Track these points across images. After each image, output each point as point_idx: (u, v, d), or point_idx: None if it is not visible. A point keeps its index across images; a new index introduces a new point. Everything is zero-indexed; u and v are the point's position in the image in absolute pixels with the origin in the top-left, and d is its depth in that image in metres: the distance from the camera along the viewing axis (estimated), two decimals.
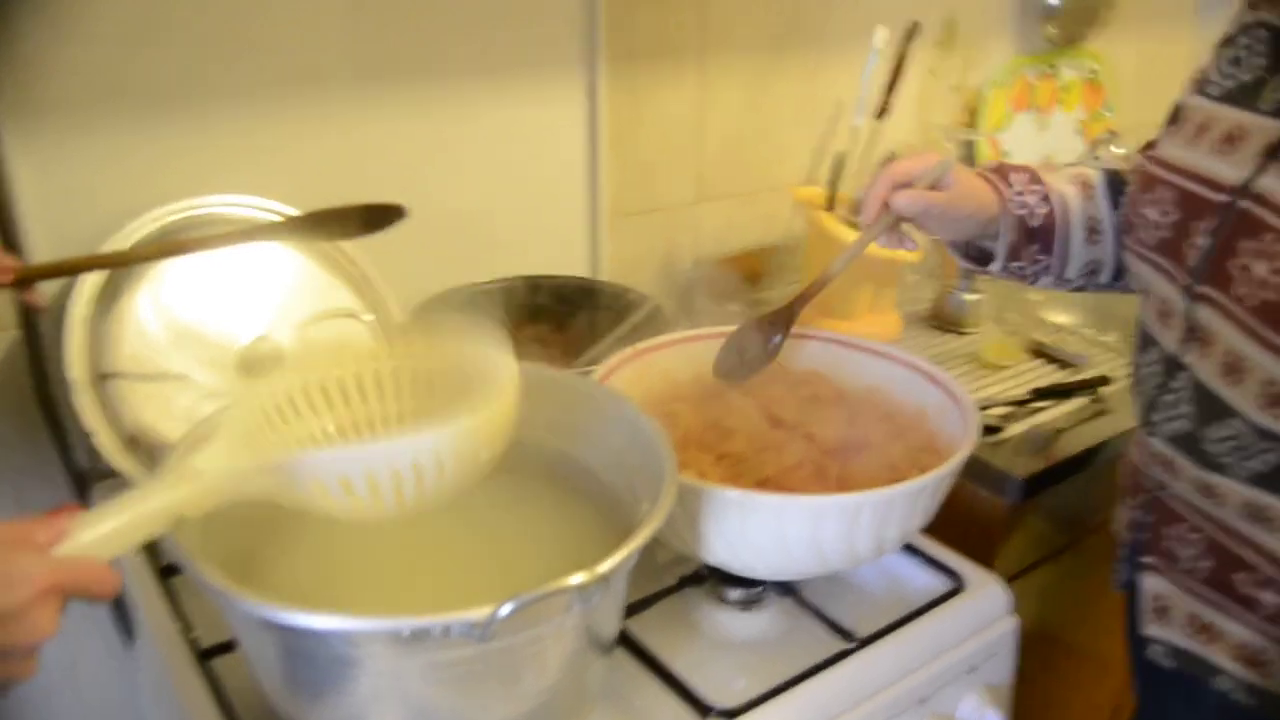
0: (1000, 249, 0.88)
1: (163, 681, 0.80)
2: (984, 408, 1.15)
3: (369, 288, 1.03)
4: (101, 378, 0.87)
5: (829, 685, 0.77)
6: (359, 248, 1.00)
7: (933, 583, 0.89)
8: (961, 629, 0.85)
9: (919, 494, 0.75)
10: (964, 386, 0.92)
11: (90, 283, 0.87)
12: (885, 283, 1.31)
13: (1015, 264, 0.89)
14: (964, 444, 0.80)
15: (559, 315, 1.17)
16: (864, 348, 0.96)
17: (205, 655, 0.77)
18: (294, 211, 0.93)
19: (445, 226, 1.13)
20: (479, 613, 0.52)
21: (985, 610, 0.87)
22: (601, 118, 1.21)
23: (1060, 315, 1.46)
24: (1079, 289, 0.93)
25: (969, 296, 1.36)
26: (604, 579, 0.55)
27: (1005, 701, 0.86)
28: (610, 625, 0.69)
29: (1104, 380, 1.21)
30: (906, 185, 0.85)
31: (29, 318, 0.87)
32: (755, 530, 0.75)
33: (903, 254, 1.25)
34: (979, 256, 0.92)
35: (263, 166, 1.00)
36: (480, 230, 1.18)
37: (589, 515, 0.78)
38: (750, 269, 1.41)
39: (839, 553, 0.77)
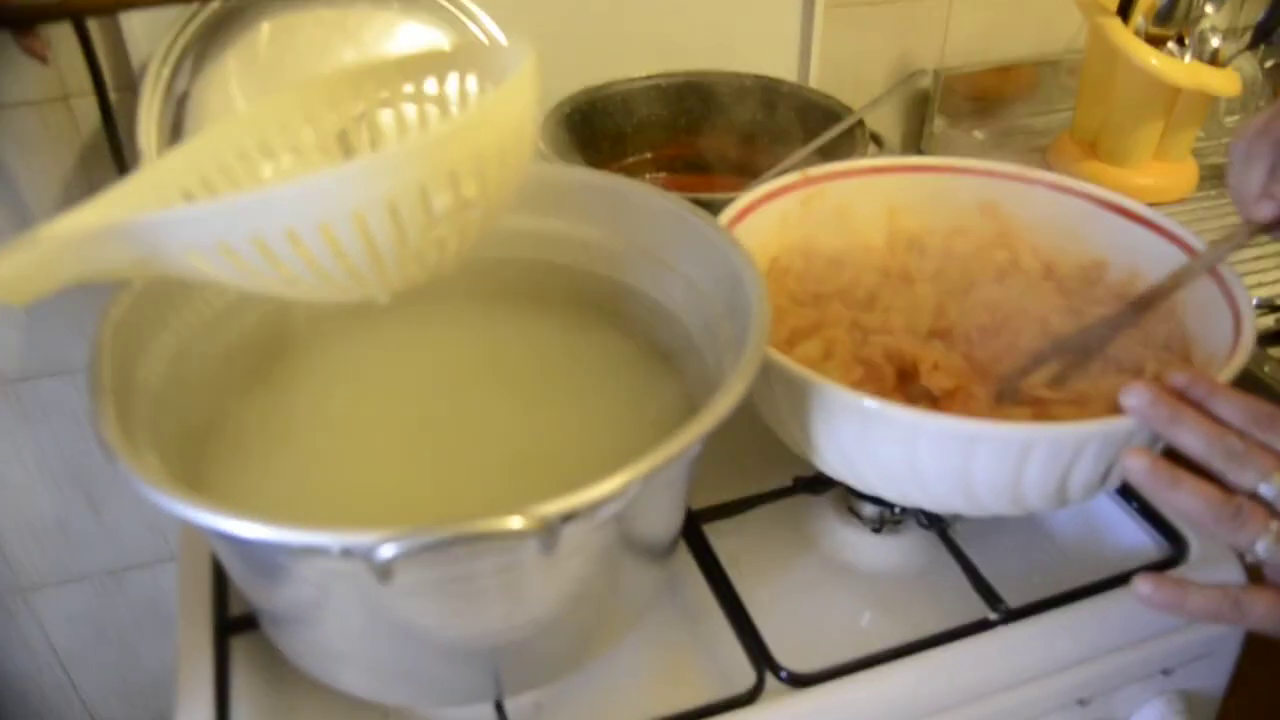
0: None
1: None
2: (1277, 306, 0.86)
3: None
4: None
5: (945, 665, 0.58)
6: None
7: (1144, 544, 0.66)
8: (1165, 617, 0.62)
9: (1128, 436, 0.52)
10: (1257, 275, 0.66)
11: (170, 47, 0.76)
12: (1186, 120, 0.99)
13: None
14: (1228, 359, 0.55)
15: (736, 126, 0.96)
16: (1111, 204, 0.70)
17: None
18: None
19: (614, 8, 0.94)
20: (363, 537, 0.37)
21: None
22: None
23: None
24: None
25: None
26: (549, 526, 0.38)
27: (1206, 716, 0.64)
28: (655, 533, 0.53)
29: None
30: None
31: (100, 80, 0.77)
32: (882, 449, 0.55)
33: (1218, 81, 0.94)
34: None
35: None
36: (656, 14, 0.97)
37: (670, 379, 0.61)
38: (1009, 87, 1.12)
39: (998, 497, 0.56)
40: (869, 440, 0.55)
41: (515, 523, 0.37)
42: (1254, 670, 0.67)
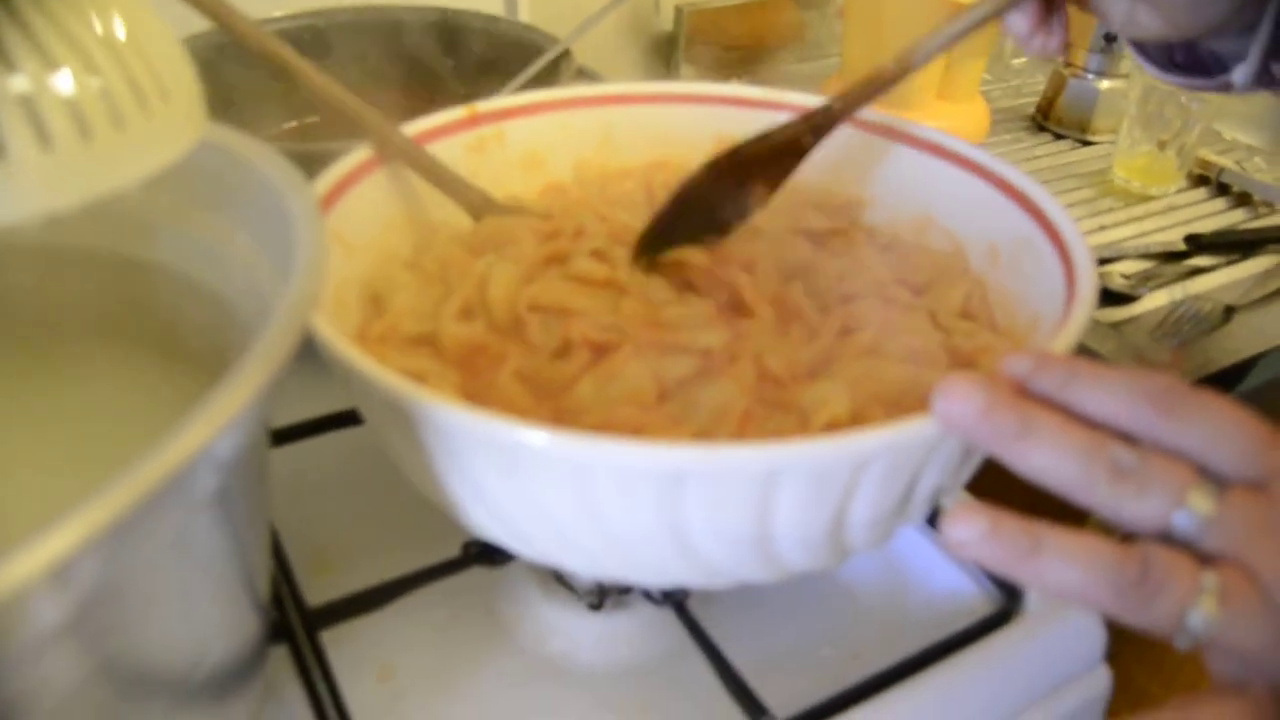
0: (1257, 46, 0.43)
1: None
2: (1105, 260, 0.70)
3: None
4: None
5: None
6: None
7: (966, 594, 0.47)
8: (1005, 689, 0.43)
9: (928, 448, 0.32)
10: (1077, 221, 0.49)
11: None
12: (971, 50, 0.83)
13: None
14: (1064, 323, 0.36)
15: (419, 74, 0.74)
16: (885, 130, 0.52)
17: None
18: None
19: None
20: None
21: (1055, 653, 0.44)
22: None
23: (1242, 130, 0.96)
24: None
25: (1103, 84, 0.87)
26: None
27: None
28: (181, 659, 0.30)
29: None
30: None
31: None
32: (548, 500, 0.34)
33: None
34: (1195, 64, 0.48)
35: None
36: None
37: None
38: (769, 31, 0.94)
39: (736, 560, 0.35)
40: (526, 488, 0.33)
41: None
42: None
